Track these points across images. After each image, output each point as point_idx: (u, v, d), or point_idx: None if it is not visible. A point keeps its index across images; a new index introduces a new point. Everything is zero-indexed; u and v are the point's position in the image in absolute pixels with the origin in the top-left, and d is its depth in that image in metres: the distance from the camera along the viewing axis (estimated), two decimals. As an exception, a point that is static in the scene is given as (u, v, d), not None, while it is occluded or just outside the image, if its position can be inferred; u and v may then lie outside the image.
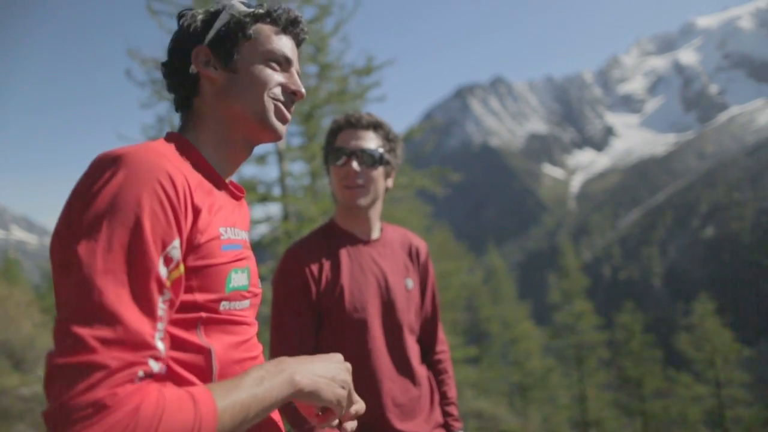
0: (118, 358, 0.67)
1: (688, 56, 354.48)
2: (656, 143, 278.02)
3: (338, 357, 0.98)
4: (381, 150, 1.70)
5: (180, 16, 1.07)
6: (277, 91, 1.04)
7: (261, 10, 1.05)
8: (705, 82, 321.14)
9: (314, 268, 1.65)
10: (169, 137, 0.98)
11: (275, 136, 1.05)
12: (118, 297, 0.70)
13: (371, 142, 1.69)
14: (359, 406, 0.99)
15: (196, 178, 0.91)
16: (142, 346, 0.70)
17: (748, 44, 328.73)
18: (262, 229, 7.77)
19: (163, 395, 0.70)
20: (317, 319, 1.65)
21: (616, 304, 28.78)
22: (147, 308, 0.73)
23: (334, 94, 7.25)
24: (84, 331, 0.66)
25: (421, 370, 1.76)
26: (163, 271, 0.77)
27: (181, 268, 0.82)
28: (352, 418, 0.99)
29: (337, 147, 1.69)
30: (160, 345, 0.74)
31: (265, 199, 6.71)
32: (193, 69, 1.01)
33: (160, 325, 0.75)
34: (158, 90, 7.01)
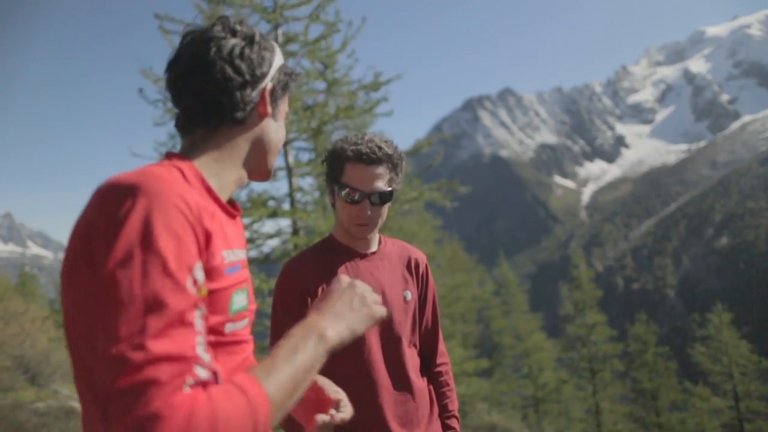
0: (166, 372, 0.70)
1: (698, 65, 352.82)
2: (668, 153, 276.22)
3: (342, 282, 1.06)
4: (391, 188, 1.70)
5: (251, 35, 1.04)
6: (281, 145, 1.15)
7: (297, 72, 1.13)
8: (716, 90, 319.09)
9: (311, 282, 1.67)
10: (172, 159, 0.98)
11: (267, 180, 1.16)
12: (160, 318, 0.73)
13: (383, 179, 1.67)
14: (345, 413, 1.09)
15: (201, 202, 0.92)
16: (187, 358, 0.73)
17: (759, 52, 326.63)
18: (273, 244, 7.84)
19: (210, 394, 0.73)
20: None
21: (630, 315, 28.46)
22: (187, 324, 0.76)
23: (342, 109, 7.33)
24: (132, 354, 0.70)
25: (419, 383, 1.77)
26: (193, 290, 0.79)
27: (204, 290, 0.85)
28: (339, 422, 1.09)
29: (347, 184, 1.66)
30: (204, 355, 0.77)
31: (275, 214, 6.78)
32: (255, 97, 1.03)
33: (200, 339, 0.77)
34: (171, 108, 7.15)
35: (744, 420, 19.57)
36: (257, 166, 1.09)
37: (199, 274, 0.82)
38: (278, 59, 1.08)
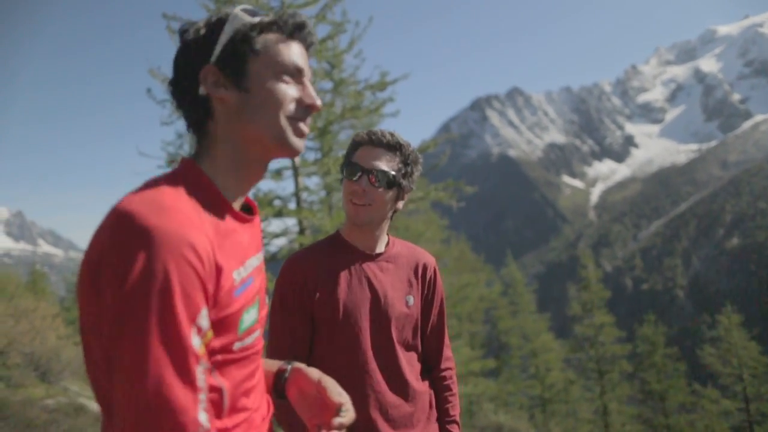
0: None
1: (708, 64, 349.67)
2: (678, 152, 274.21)
3: None
4: (394, 173, 1.68)
5: (182, 31, 1.00)
6: (293, 107, 0.99)
7: (267, 19, 0.98)
8: (727, 90, 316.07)
9: (311, 278, 1.67)
10: (183, 166, 0.98)
11: (293, 154, 1.02)
12: (163, 382, 0.74)
13: (387, 163, 1.67)
14: (346, 418, 1.07)
15: (212, 223, 0.92)
16: (189, 423, 0.75)
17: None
18: (279, 243, 7.88)
19: None
20: (311, 328, 1.68)
21: (639, 316, 28.28)
22: (189, 383, 0.77)
23: (348, 109, 7.35)
24: (140, 425, 0.73)
25: (418, 386, 1.75)
26: (196, 342, 0.80)
27: (210, 334, 0.85)
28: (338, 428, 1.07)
29: (352, 162, 1.69)
30: (203, 417, 0.78)
31: (280, 213, 6.80)
32: (202, 90, 0.96)
33: (202, 396, 0.78)
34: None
35: (754, 422, 19.40)
36: (265, 145, 0.99)
37: (204, 322, 0.82)
38: (228, 29, 0.97)
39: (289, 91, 0.98)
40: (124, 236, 0.80)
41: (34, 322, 10.45)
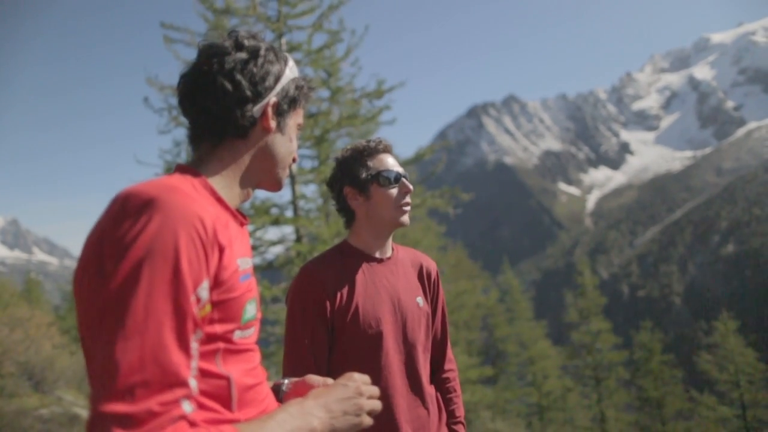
0: (161, 403, 0.72)
1: (703, 72, 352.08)
2: (673, 159, 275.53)
3: (351, 384, 1.03)
4: None
5: (255, 49, 1.05)
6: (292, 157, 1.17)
7: (313, 87, 1.17)
8: (721, 97, 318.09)
9: (328, 285, 1.68)
10: (182, 171, 1.01)
11: (277, 190, 1.19)
12: (160, 342, 0.75)
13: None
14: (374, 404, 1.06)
15: (214, 213, 0.94)
16: (179, 385, 0.75)
17: (764, 59, 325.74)
18: (276, 251, 7.87)
19: None
20: (331, 335, 1.69)
21: (635, 323, 28.33)
22: (184, 349, 0.78)
23: (345, 117, 7.38)
24: (131, 379, 0.71)
25: (430, 389, 1.79)
26: (195, 312, 0.81)
27: (208, 307, 0.87)
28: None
29: (388, 170, 1.75)
30: (193, 383, 0.79)
31: (277, 221, 6.80)
32: (257, 112, 1.04)
33: (193, 363, 0.80)
34: (175, 116, 7.19)
35: (751, 429, 19.37)
36: (265, 179, 1.12)
37: (204, 293, 0.84)
38: (288, 73, 1.09)
39: (295, 145, 1.17)
40: (127, 210, 0.82)
41: (29, 331, 10.38)
